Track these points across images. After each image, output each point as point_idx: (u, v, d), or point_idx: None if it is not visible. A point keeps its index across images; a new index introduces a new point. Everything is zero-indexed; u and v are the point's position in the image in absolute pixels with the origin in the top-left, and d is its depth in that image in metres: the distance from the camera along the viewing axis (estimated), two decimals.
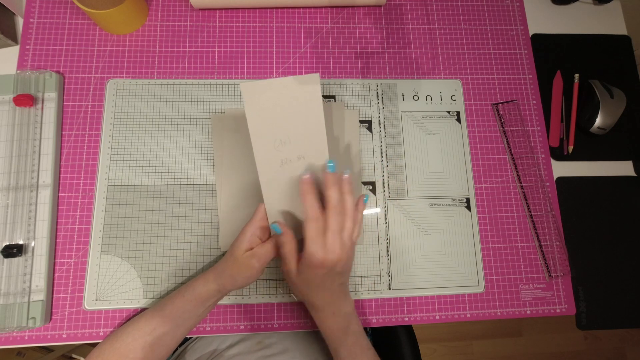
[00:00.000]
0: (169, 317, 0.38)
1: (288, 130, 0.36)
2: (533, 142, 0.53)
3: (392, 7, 0.55)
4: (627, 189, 0.53)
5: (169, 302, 0.39)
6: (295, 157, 0.37)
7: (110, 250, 0.44)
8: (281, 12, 0.54)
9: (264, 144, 0.36)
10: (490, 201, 0.50)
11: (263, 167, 0.37)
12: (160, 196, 0.46)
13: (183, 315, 0.38)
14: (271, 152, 0.36)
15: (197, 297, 0.38)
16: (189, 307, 0.38)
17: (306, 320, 0.45)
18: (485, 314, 0.47)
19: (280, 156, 0.37)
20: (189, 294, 0.39)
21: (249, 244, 0.38)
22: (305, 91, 0.35)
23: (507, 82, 0.54)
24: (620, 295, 0.50)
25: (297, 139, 0.36)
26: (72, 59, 0.49)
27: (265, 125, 0.35)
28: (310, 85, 0.35)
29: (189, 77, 0.50)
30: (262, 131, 0.35)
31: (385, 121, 0.51)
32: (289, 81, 0.35)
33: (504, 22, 0.57)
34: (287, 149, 0.36)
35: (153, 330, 0.37)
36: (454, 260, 0.48)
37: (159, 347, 0.38)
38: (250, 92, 0.34)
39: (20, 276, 0.42)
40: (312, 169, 0.38)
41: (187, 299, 0.38)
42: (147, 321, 0.38)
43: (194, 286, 0.39)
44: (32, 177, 0.44)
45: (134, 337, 0.37)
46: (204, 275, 0.39)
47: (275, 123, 0.35)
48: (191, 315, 0.39)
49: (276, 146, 0.36)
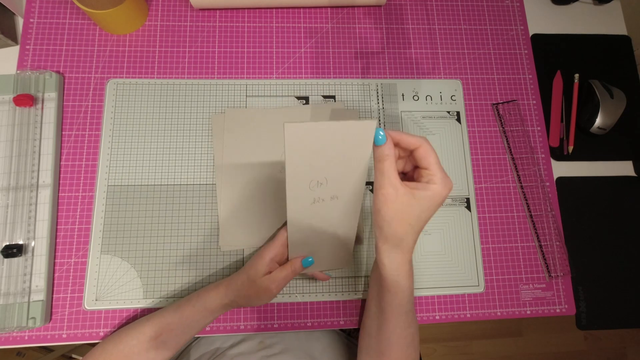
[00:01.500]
0: (176, 324, 0.38)
1: (328, 173, 0.33)
2: (533, 142, 0.53)
3: (392, 7, 0.55)
4: (627, 189, 0.53)
5: (178, 309, 0.39)
6: (329, 197, 0.35)
7: (110, 250, 0.44)
8: (281, 12, 0.54)
9: (298, 184, 0.33)
10: (490, 201, 0.50)
11: (293, 204, 0.35)
12: (160, 196, 0.46)
13: (190, 324, 0.39)
14: (305, 191, 0.34)
15: (207, 308, 0.39)
16: (198, 317, 0.39)
17: (306, 320, 0.45)
18: (485, 314, 0.47)
19: (313, 195, 0.34)
20: (199, 304, 0.39)
21: (268, 268, 0.38)
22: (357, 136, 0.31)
23: (507, 82, 0.54)
24: (620, 295, 0.50)
25: (335, 181, 0.34)
26: (72, 59, 0.49)
27: (304, 166, 0.32)
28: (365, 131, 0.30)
29: (189, 77, 0.50)
30: (299, 172, 0.32)
31: (385, 121, 0.51)
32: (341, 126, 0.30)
33: (504, 22, 0.57)
34: (322, 190, 0.34)
35: (159, 335, 0.38)
36: (454, 260, 0.48)
37: (163, 352, 0.38)
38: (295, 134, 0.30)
39: (20, 276, 0.42)
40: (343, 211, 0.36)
41: (197, 309, 0.39)
42: (152, 326, 0.38)
43: (205, 298, 0.39)
44: (32, 177, 0.44)
45: (139, 340, 0.37)
46: (215, 288, 0.39)
47: (316, 165, 0.32)
48: (199, 324, 0.39)
49: (312, 187, 0.34)
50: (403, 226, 0.31)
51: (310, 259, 0.40)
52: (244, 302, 0.38)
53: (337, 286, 0.46)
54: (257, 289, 0.38)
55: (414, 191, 0.30)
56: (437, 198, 0.30)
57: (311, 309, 0.46)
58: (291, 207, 0.35)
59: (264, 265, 0.38)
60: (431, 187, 0.30)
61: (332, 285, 0.46)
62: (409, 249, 0.32)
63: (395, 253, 0.32)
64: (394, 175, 0.30)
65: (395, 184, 0.30)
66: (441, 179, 0.30)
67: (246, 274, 0.39)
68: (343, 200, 0.35)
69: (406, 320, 0.35)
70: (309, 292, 0.46)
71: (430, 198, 0.30)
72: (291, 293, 0.46)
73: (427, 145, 0.31)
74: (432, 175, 0.30)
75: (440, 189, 0.30)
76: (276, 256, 0.39)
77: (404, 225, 0.31)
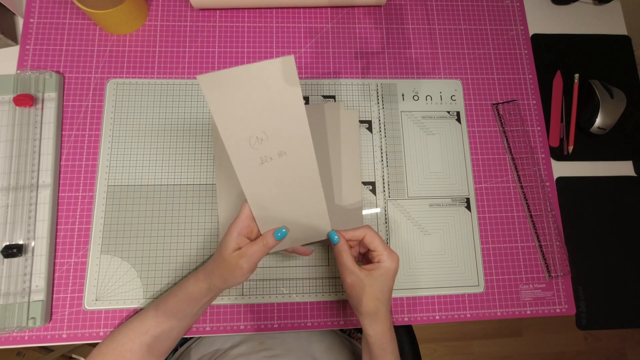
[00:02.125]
0: (163, 317, 0.38)
1: (263, 125, 0.32)
2: (533, 142, 0.53)
3: (392, 7, 0.55)
4: (627, 189, 0.53)
5: (162, 301, 0.39)
6: (276, 153, 0.33)
7: (110, 250, 0.44)
8: (281, 12, 0.54)
9: (237, 142, 0.32)
10: (490, 201, 0.50)
11: (241, 167, 0.34)
12: (160, 196, 0.46)
13: (177, 314, 0.38)
14: (247, 150, 0.33)
15: (189, 296, 0.38)
16: (182, 306, 0.38)
17: (306, 320, 0.45)
18: (485, 314, 0.47)
19: (258, 154, 0.33)
20: (181, 293, 0.39)
21: (236, 243, 0.37)
22: (278, 78, 0.30)
23: (507, 82, 0.54)
24: (620, 295, 0.50)
25: (275, 134, 0.32)
26: (72, 59, 0.49)
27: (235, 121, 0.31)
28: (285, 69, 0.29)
29: (189, 77, 0.50)
30: (232, 128, 0.31)
31: (385, 121, 0.51)
32: (256, 68, 0.29)
33: (504, 22, 0.57)
34: (265, 146, 0.33)
35: (148, 330, 0.38)
36: (454, 260, 0.48)
37: (156, 347, 0.38)
38: (210, 84, 0.29)
39: (20, 276, 0.42)
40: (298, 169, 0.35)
41: (180, 298, 0.38)
42: (141, 322, 0.38)
43: (185, 285, 0.39)
44: (32, 177, 0.44)
45: (129, 337, 0.37)
46: (194, 274, 0.39)
47: (247, 118, 0.31)
48: (185, 314, 0.39)
49: (252, 144, 0.32)
50: (373, 301, 0.37)
51: (283, 230, 0.38)
52: (219, 282, 0.37)
53: (337, 286, 0.46)
54: (228, 266, 0.36)
55: (371, 272, 0.37)
56: (390, 272, 0.37)
57: (311, 309, 0.46)
58: (239, 170, 0.33)
59: (232, 240, 0.37)
60: (382, 265, 0.37)
61: (331, 285, 0.46)
62: (385, 318, 0.38)
63: (375, 324, 0.38)
64: (352, 265, 0.37)
65: (355, 271, 0.37)
66: (388, 256, 0.37)
67: (218, 253, 0.38)
68: (293, 156, 0.34)
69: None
70: (309, 292, 0.46)
71: (385, 273, 0.37)
72: (291, 293, 0.46)
73: (370, 232, 0.38)
74: (380, 254, 0.37)
75: (389, 264, 0.37)
76: (243, 229, 0.37)
77: (373, 300, 0.37)
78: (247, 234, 0.38)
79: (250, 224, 0.38)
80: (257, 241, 0.37)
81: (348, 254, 0.38)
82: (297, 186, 0.37)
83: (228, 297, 0.45)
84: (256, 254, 0.37)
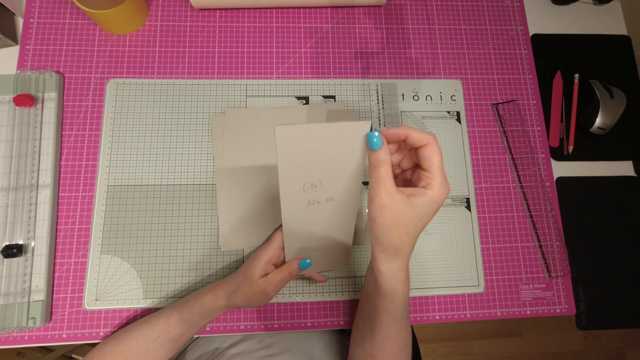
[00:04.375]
0: (174, 326, 0.38)
1: (321, 175, 0.32)
2: (533, 142, 0.53)
3: (392, 7, 0.55)
4: (627, 189, 0.53)
5: (177, 310, 0.39)
6: (324, 199, 0.34)
7: (110, 250, 0.44)
8: (281, 12, 0.54)
9: (292, 186, 0.33)
10: (490, 201, 0.50)
11: (288, 206, 0.35)
12: (160, 196, 0.46)
13: (189, 325, 0.39)
14: (299, 193, 0.33)
15: (205, 310, 0.39)
16: (195, 318, 0.39)
17: (306, 320, 0.45)
18: (485, 314, 0.47)
19: (307, 197, 0.34)
20: (197, 306, 0.39)
21: (263, 270, 0.38)
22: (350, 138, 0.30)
23: (507, 82, 0.54)
24: (620, 295, 0.50)
25: (330, 183, 0.33)
26: (72, 59, 0.49)
27: (296, 169, 0.32)
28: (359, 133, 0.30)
29: (189, 77, 0.50)
30: (292, 174, 0.32)
31: (385, 121, 0.51)
32: (334, 127, 0.29)
33: (504, 22, 0.57)
34: (317, 192, 0.34)
35: (157, 338, 0.38)
36: (454, 260, 0.48)
37: (161, 354, 0.38)
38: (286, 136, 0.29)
39: (20, 276, 0.42)
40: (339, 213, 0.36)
41: (195, 311, 0.39)
42: (151, 328, 0.38)
43: (202, 299, 0.39)
44: (32, 177, 0.44)
45: (137, 343, 0.37)
46: (213, 290, 0.39)
47: (309, 167, 0.32)
48: (196, 325, 0.40)
49: (306, 189, 0.33)
50: (400, 235, 0.30)
51: (307, 261, 0.40)
52: (241, 303, 0.38)
53: (337, 286, 0.46)
54: (254, 291, 0.38)
55: (410, 198, 0.29)
56: (434, 204, 0.29)
57: (311, 309, 0.46)
58: (285, 209, 0.35)
59: (260, 267, 0.38)
60: (428, 192, 0.28)
61: (332, 285, 0.46)
62: (406, 256, 0.32)
63: (392, 261, 0.31)
64: (389, 182, 0.29)
65: (392, 191, 0.29)
66: (440, 184, 0.29)
67: (243, 276, 0.39)
68: (338, 202, 0.35)
69: (400, 325, 0.35)
70: (309, 292, 0.46)
71: (428, 205, 0.29)
72: (291, 293, 0.46)
73: (435, 144, 0.29)
74: (432, 179, 0.29)
75: (438, 195, 0.29)
76: (272, 258, 0.39)
77: (400, 233, 0.30)
78: (274, 263, 0.40)
79: (279, 254, 0.40)
80: (282, 269, 0.39)
81: (389, 166, 0.29)
82: (333, 226, 0.38)
83: None
84: (282, 281, 0.39)
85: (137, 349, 0.37)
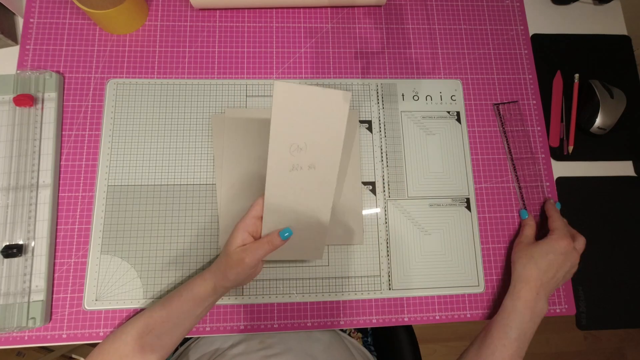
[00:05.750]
0: (167, 317, 0.38)
1: (307, 138, 0.36)
2: (533, 142, 0.53)
3: (392, 7, 0.56)
4: (627, 189, 0.53)
5: (167, 302, 0.39)
6: (307, 165, 0.38)
7: (110, 250, 0.44)
8: (281, 12, 0.54)
9: (280, 145, 0.36)
10: (490, 201, 0.50)
11: (274, 167, 0.37)
12: (160, 196, 0.46)
13: (181, 315, 0.38)
14: (285, 155, 0.37)
15: (194, 296, 0.38)
16: (187, 307, 0.38)
17: (306, 320, 0.45)
18: (485, 314, 0.47)
19: (292, 161, 0.37)
20: (187, 293, 0.39)
21: (241, 240, 0.38)
22: (335, 105, 0.36)
23: (507, 82, 0.54)
24: (620, 295, 0.50)
25: (314, 149, 0.37)
26: (72, 59, 0.49)
27: (287, 128, 0.36)
28: (342, 101, 0.36)
29: (189, 77, 0.50)
30: (283, 133, 0.36)
31: (385, 121, 0.51)
32: (323, 91, 0.35)
33: (504, 22, 0.57)
34: (301, 155, 0.37)
35: (152, 330, 0.38)
36: (454, 260, 0.48)
37: (158, 347, 0.38)
38: (283, 92, 0.34)
39: (20, 276, 0.42)
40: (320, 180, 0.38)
41: (185, 298, 0.38)
42: (145, 321, 0.38)
43: (191, 286, 0.39)
44: (32, 177, 0.44)
45: (132, 336, 0.37)
46: (201, 275, 0.39)
47: (297, 128, 0.36)
48: (189, 315, 0.39)
49: (292, 151, 0.37)
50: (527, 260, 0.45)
51: (289, 231, 0.39)
52: (222, 279, 0.38)
53: (336, 286, 0.46)
54: (231, 262, 0.37)
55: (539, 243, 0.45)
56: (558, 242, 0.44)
57: (311, 309, 0.46)
58: (271, 171, 0.37)
59: (238, 236, 0.38)
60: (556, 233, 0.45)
61: (332, 285, 0.46)
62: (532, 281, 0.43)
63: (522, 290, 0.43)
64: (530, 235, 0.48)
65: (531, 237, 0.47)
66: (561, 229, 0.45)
67: (223, 250, 0.39)
68: (319, 170, 0.38)
69: None
70: (309, 292, 0.46)
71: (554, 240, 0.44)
72: (291, 293, 0.46)
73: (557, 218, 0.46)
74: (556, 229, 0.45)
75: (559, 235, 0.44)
76: (249, 227, 0.38)
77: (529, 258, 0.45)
78: (252, 232, 0.39)
79: (257, 223, 0.39)
80: (261, 239, 0.39)
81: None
82: (312, 200, 0.39)
83: (228, 297, 0.45)
84: (259, 250, 0.37)
85: (132, 344, 0.37)
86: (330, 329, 0.52)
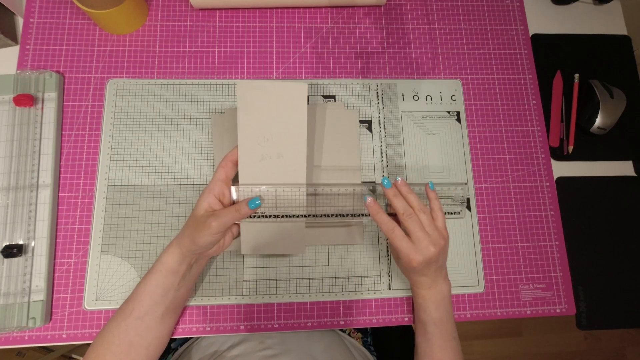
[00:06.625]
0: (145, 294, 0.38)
1: (272, 129, 0.39)
2: (533, 142, 0.53)
3: (392, 7, 0.56)
4: (627, 189, 0.53)
5: (141, 281, 0.39)
6: (275, 154, 0.40)
7: (110, 250, 0.44)
8: (281, 12, 0.54)
9: (248, 138, 0.39)
10: (490, 201, 0.50)
11: (244, 157, 0.40)
12: (160, 196, 0.46)
13: (157, 290, 0.38)
14: (254, 145, 0.40)
15: (165, 266, 0.38)
16: (160, 279, 0.38)
17: (306, 320, 0.45)
18: (485, 314, 0.47)
19: (261, 151, 0.40)
20: (157, 265, 0.38)
21: (208, 204, 0.38)
22: (293, 97, 0.39)
23: (507, 82, 0.54)
24: (620, 295, 0.50)
25: (280, 139, 0.40)
26: (72, 59, 0.49)
27: (253, 122, 0.39)
28: (299, 93, 0.39)
29: (189, 77, 0.50)
30: (249, 127, 0.39)
31: (385, 121, 0.51)
32: (280, 85, 0.39)
33: (504, 22, 0.57)
34: (269, 145, 0.40)
35: (131, 312, 0.37)
36: (454, 260, 0.48)
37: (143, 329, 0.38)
38: (245, 90, 0.38)
39: (20, 276, 0.42)
40: (289, 168, 0.41)
41: (156, 269, 0.38)
42: (126, 305, 0.38)
43: (161, 257, 0.39)
44: (32, 177, 0.44)
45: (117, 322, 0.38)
46: (169, 245, 0.39)
47: (262, 121, 0.39)
48: (166, 289, 0.38)
49: (259, 142, 0.40)
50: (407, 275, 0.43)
51: (257, 201, 0.39)
52: (189, 243, 0.37)
53: (337, 286, 0.46)
54: (197, 225, 0.37)
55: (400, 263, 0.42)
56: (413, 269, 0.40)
57: (311, 309, 0.46)
58: (242, 162, 0.40)
59: (204, 201, 0.38)
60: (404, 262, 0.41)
61: (332, 285, 0.46)
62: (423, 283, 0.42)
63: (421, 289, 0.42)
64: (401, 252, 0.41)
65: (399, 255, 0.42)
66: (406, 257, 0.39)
67: (190, 216, 0.39)
68: (287, 159, 0.40)
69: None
70: (309, 292, 0.46)
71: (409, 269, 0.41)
72: (291, 293, 0.46)
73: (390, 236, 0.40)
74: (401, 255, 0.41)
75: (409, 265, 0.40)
76: (215, 191, 0.38)
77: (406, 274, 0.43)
78: (218, 194, 0.39)
79: (223, 187, 0.39)
80: (230, 207, 0.39)
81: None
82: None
83: (228, 297, 0.45)
84: (227, 216, 0.37)
85: (117, 330, 0.37)
86: (330, 329, 0.52)
